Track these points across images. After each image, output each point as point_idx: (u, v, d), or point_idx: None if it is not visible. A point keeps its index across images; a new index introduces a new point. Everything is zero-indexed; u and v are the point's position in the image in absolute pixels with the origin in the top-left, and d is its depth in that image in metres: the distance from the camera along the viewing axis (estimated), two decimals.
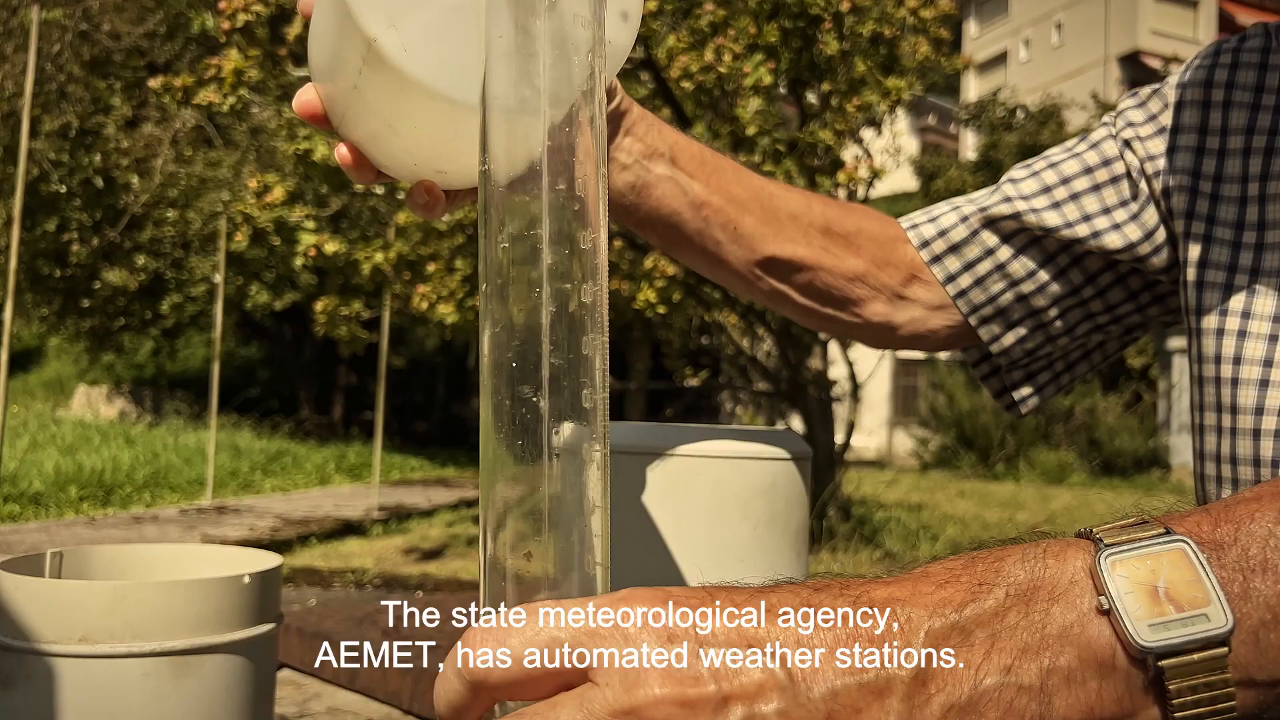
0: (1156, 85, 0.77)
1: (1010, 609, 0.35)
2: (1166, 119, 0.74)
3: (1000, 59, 31.74)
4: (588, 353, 0.40)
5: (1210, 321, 0.68)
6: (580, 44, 0.41)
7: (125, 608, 0.81)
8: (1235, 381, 0.65)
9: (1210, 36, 28.28)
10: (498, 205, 0.40)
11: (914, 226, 0.81)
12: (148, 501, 8.22)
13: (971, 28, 33.15)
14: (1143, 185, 0.74)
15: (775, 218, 0.75)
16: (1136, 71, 26.73)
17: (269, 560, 0.98)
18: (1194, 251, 0.70)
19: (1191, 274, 0.70)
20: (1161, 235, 0.74)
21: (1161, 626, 0.33)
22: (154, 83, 5.14)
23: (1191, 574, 0.34)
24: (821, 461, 6.67)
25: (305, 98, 0.57)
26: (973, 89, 28.76)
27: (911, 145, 25.29)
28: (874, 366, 7.57)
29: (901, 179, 19.82)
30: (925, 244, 0.80)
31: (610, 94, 0.65)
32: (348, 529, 7.28)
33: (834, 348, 7.42)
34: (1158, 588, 0.34)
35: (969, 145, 27.08)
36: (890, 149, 6.25)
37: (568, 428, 0.40)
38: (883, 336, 0.83)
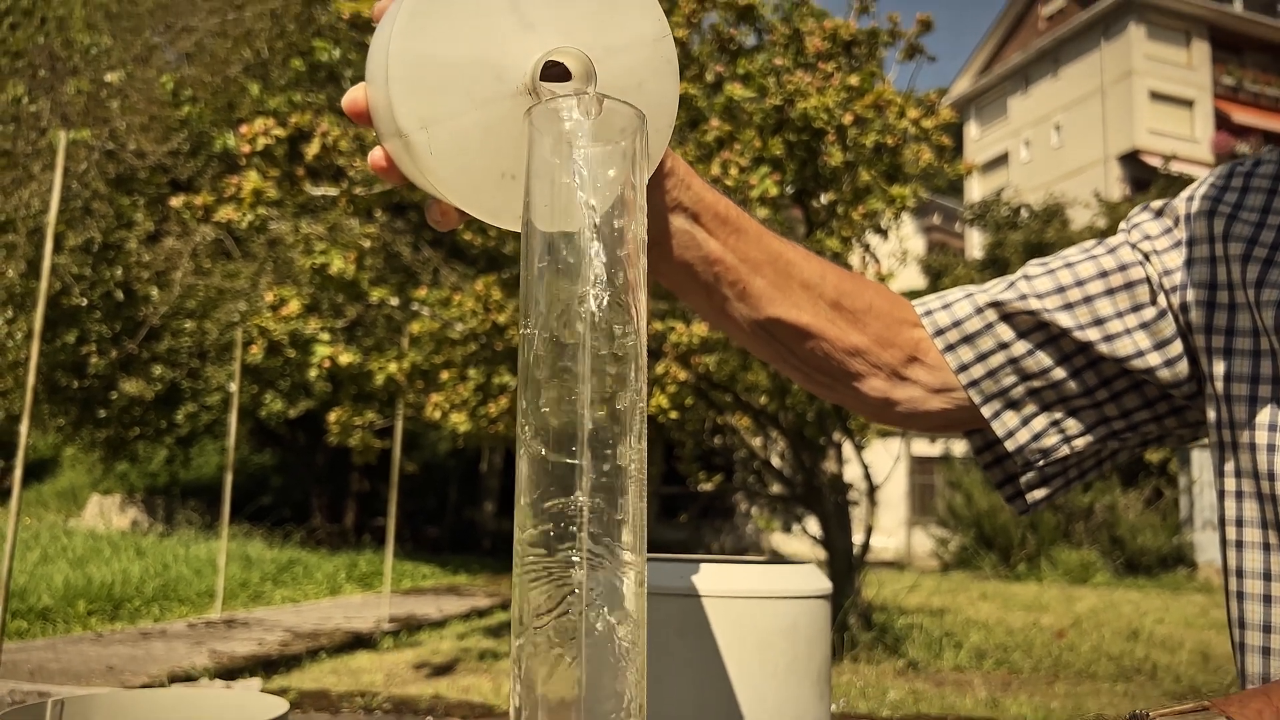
0: (1167, 199, 0.78)
1: None
2: (1180, 233, 0.75)
3: (1002, 159, 32.39)
4: (624, 464, 0.41)
5: (1244, 436, 0.67)
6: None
7: None
8: (1275, 499, 0.64)
9: (1207, 135, 28.85)
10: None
11: (928, 313, 0.81)
12: (156, 615, 8.11)
13: (972, 130, 33.94)
14: (1161, 299, 0.75)
15: (787, 283, 0.75)
16: (1137, 170, 27.21)
17: (275, 707, 0.96)
18: (1218, 367, 0.70)
19: (1219, 388, 0.70)
20: (1177, 348, 0.74)
21: None
22: (175, 201, 5.28)
23: None
24: (840, 567, 6.55)
25: (355, 97, 0.57)
26: (976, 188, 29.28)
27: (918, 244, 25.62)
28: (890, 469, 7.50)
29: (909, 277, 20.02)
30: (939, 332, 0.80)
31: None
32: (358, 642, 7.14)
33: (848, 447, 7.37)
34: None
35: (974, 244, 27.42)
36: (897, 253, 6.33)
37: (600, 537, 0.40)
38: (880, 412, 0.82)
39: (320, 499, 17.79)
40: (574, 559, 0.39)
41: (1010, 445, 0.79)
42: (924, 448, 19.17)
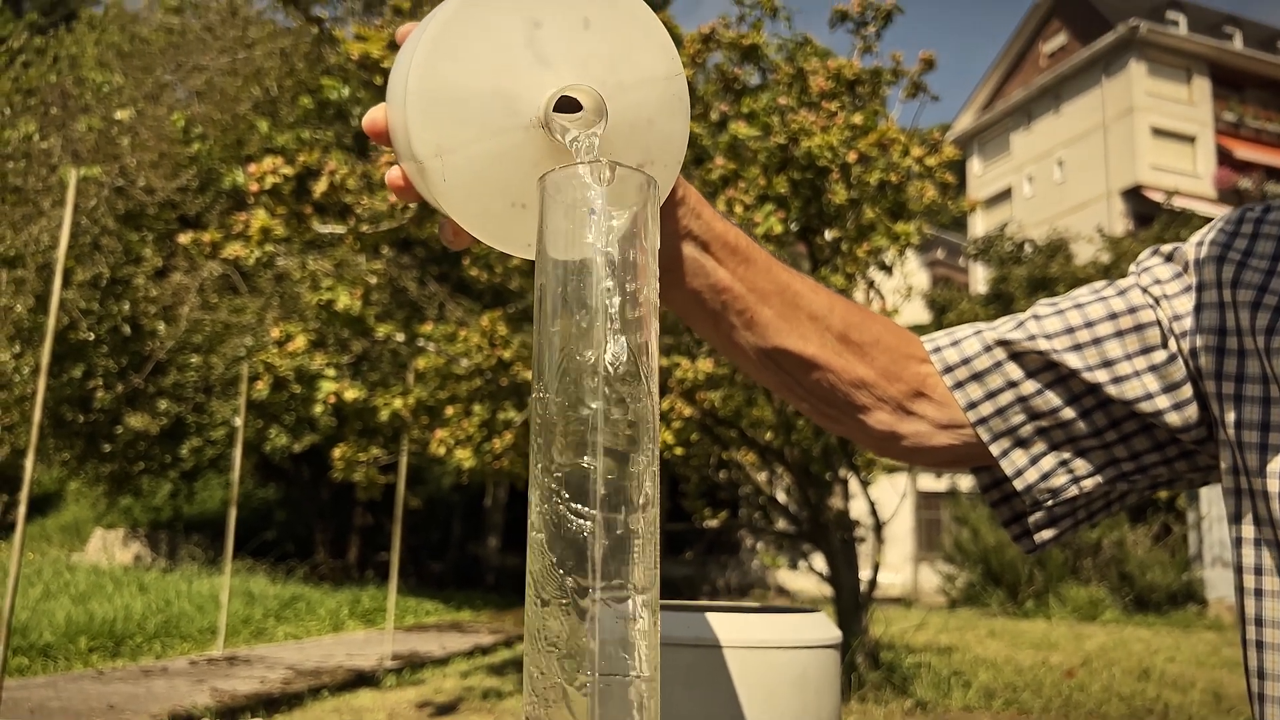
0: (1177, 245, 0.78)
1: None
2: (1190, 278, 0.75)
3: (1005, 194, 32.53)
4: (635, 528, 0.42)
5: (1257, 483, 0.67)
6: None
7: None
8: None
9: (1209, 170, 28.98)
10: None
11: (937, 350, 0.80)
12: (158, 652, 8.05)
13: (975, 165, 34.12)
14: (1172, 343, 0.74)
15: (795, 314, 0.75)
16: (1140, 204, 27.31)
17: None
18: (1229, 414, 0.69)
19: (1231, 435, 0.69)
20: (1188, 392, 0.73)
21: None
22: (184, 238, 5.31)
23: None
24: (847, 604, 6.49)
25: (375, 117, 0.58)
26: (980, 223, 29.38)
27: (922, 279, 25.67)
28: (896, 505, 7.46)
29: (913, 312, 20.03)
30: (948, 369, 0.79)
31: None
32: (360, 680, 7.08)
33: (854, 483, 7.34)
34: None
35: (979, 278, 27.46)
36: (901, 289, 6.35)
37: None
38: (886, 445, 0.82)
39: (324, 534, 17.73)
40: (588, 628, 0.40)
41: (1019, 484, 0.79)
42: (930, 483, 19.09)
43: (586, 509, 0.41)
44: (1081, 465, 0.78)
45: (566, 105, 0.51)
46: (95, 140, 11.98)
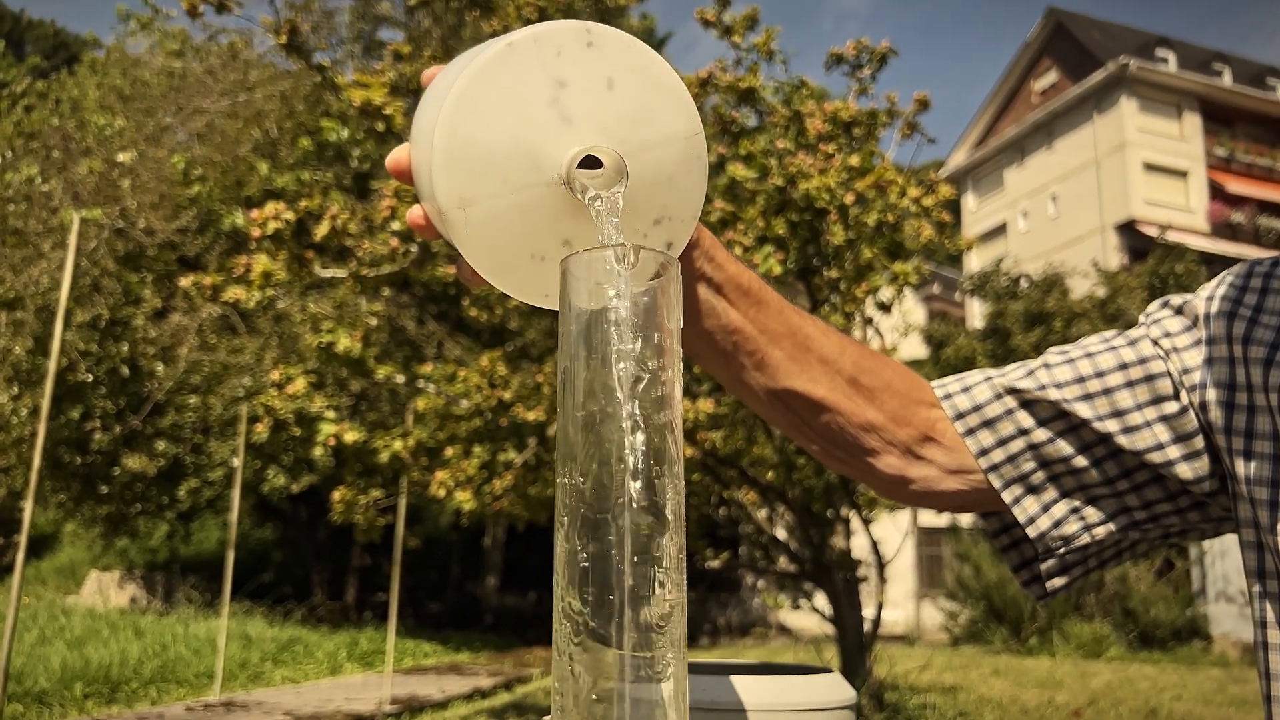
0: (1187, 296, 0.78)
1: None
2: (1200, 332, 0.75)
3: (1000, 230, 32.73)
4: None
5: (1269, 539, 0.67)
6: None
7: None
8: None
9: (1202, 204, 29.20)
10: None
11: (948, 396, 0.81)
12: (154, 698, 7.96)
13: (970, 201, 34.37)
14: (1184, 395, 0.74)
15: (805, 356, 0.76)
16: (1134, 239, 27.47)
17: None
18: (1239, 469, 0.70)
19: (1243, 490, 0.69)
20: (1200, 443, 0.73)
21: None
22: (184, 281, 5.32)
23: None
24: (850, 644, 6.44)
25: (399, 157, 0.58)
26: (975, 258, 29.51)
27: (918, 313, 25.75)
28: (900, 544, 7.42)
29: (911, 347, 20.06)
30: (960, 415, 0.79)
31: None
32: None
33: (856, 521, 7.31)
34: None
35: (975, 313, 27.55)
36: (900, 327, 6.36)
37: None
38: (895, 489, 0.82)
39: (321, 574, 17.61)
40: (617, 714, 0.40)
41: (1031, 531, 0.79)
42: (931, 519, 19.01)
43: (610, 597, 0.41)
44: (1094, 513, 0.78)
45: (588, 161, 0.52)
46: (96, 182, 12.05)
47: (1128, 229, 27.86)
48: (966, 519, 16.69)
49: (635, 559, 0.42)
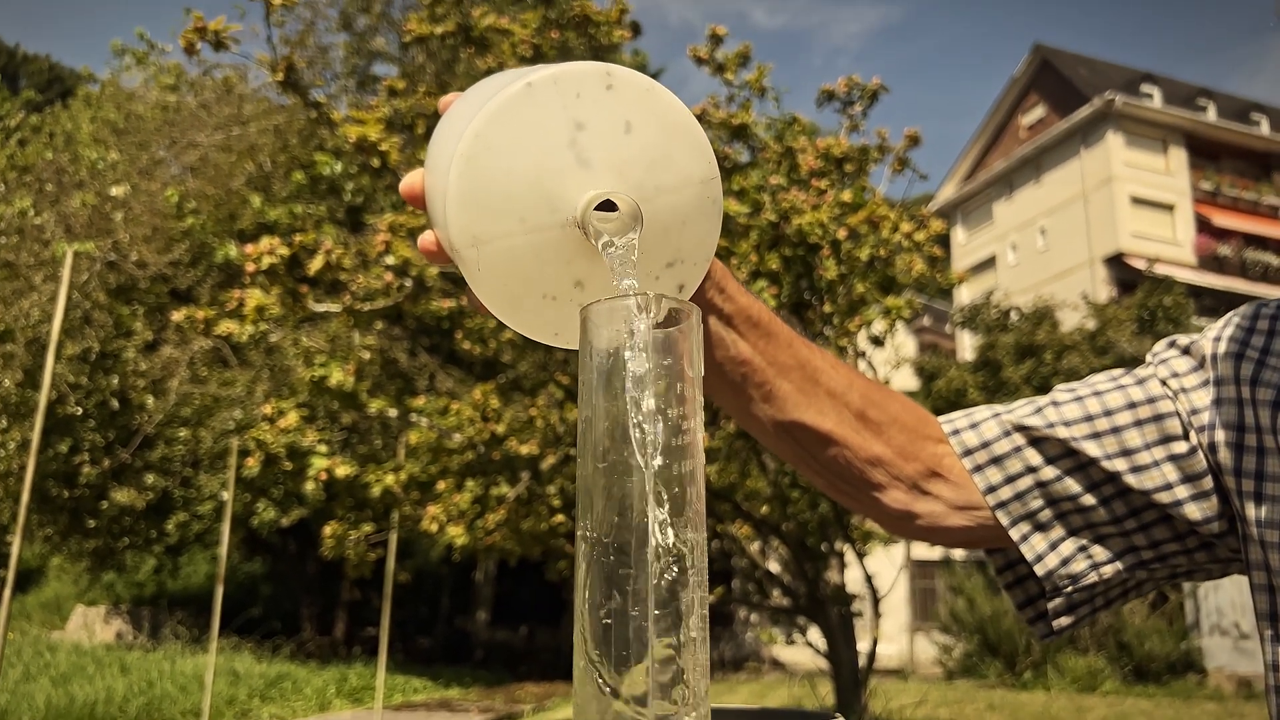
0: (1194, 336, 0.78)
1: None
2: (1207, 373, 0.75)
3: (989, 262, 32.94)
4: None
5: (1278, 582, 0.67)
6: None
7: None
8: None
9: (1188, 238, 29.46)
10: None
11: (956, 432, 0.80)
12: None
13: (959, 234, 34.62)
14: (1193, 435, 0.74)
15: (813, 389, 0.76)
16: (1122, 271, 27.69)
17: None
18: (1249, 511, 0.69)
19: (1254, 532, 0.69)
20: (1208, 484, 0.73)
21: None
22: (177, 315, 5.31)
23: None
24: (845, 680, 6.39)
25: (412, 183, 0.58)
26: (965, 291, 29.67)
27: (909, 345, 25.83)
28: (894, 578, 7.40)
29: (902, 379, 20.10)
30: (968, 452, 0.79)
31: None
32: None
33: (850, 555, 7.28)
34: None
35: (966, 345, 27.66)
36: (892, 360, 6.38)
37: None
38: (901, 524, 0.81)
39: (310, 609, 17.43)
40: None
41: (1039, 569, 0.78)
42: (924, 551, 18.94)
43: (626, 653, 0.41)
44: (1101, 552, 0.77)
45: (604, 203, 0.52)
46: (89, 215, 12.06)
47: (1116, 262, 28.08)
48: (960, 552, 16.64)
49: (657, 614, 0.41)
